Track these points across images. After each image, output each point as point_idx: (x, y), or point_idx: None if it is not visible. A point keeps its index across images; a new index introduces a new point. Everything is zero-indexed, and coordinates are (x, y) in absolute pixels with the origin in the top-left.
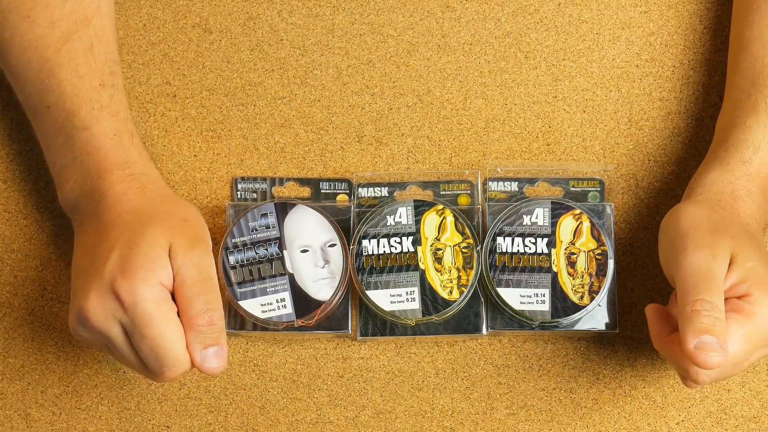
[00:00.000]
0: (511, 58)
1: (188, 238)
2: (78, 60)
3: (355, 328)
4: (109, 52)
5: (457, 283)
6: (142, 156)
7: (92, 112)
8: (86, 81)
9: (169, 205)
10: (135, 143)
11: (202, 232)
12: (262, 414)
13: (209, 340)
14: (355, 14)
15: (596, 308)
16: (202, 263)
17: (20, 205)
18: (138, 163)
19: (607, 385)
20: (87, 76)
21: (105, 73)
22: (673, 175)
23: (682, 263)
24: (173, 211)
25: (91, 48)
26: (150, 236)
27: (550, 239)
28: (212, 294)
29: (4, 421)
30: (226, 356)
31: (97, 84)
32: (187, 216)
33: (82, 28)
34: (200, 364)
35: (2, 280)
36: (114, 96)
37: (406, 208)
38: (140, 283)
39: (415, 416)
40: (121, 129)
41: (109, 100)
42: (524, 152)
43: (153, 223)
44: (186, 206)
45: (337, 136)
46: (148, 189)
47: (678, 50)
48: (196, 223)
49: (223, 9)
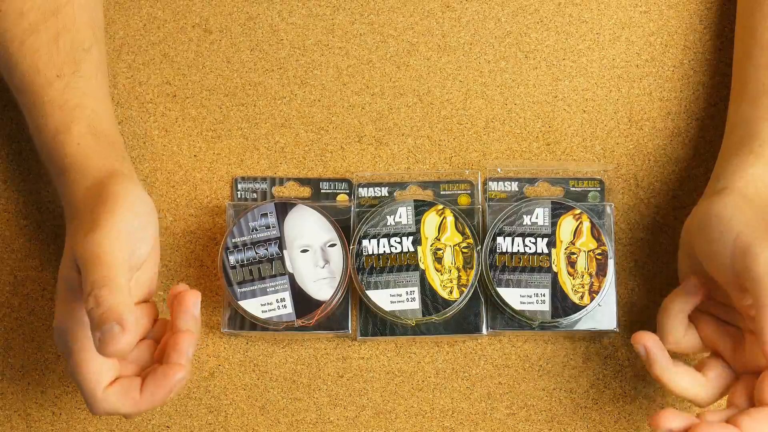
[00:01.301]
0: (511, 58)
1: (89, 222)
2: (40, 53)
3: (355, 328)
4: (77, 41)
5: (457, 283)
6: (81, 146)
7: (42, 108)
8: (42, 75)
9: (88, 198)
10: (75, 133)
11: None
12: (262, 414)
13: (97, 320)
14: (355, 14)
15: (596, 308)
16: (91, 243)
17: (20, 205)
18: (72, 156)
19: (607, 385)
20: (45, 69)
21: (66, 63)
22: (673, 175)
23: (753, 261)
24: (89, 203)
25: (56, 39)
26: (67, 247)
27: (550, 239)
28: (99, 273)
29: (4, 421)
30: (131, 331)
31: (53, 76)
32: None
33: (50, 18)
34: (98, 347)
35: (2, 280)
36: (70, 84)
37: (406, 208)
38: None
39: (415, 416)
40: (63, 121)
41: (61, 90)
42: (524, 152)
43: (69, 229)
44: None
45: (337, 136)
46: (79, 185)
47: (678, 50)
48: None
49: (223, 9)
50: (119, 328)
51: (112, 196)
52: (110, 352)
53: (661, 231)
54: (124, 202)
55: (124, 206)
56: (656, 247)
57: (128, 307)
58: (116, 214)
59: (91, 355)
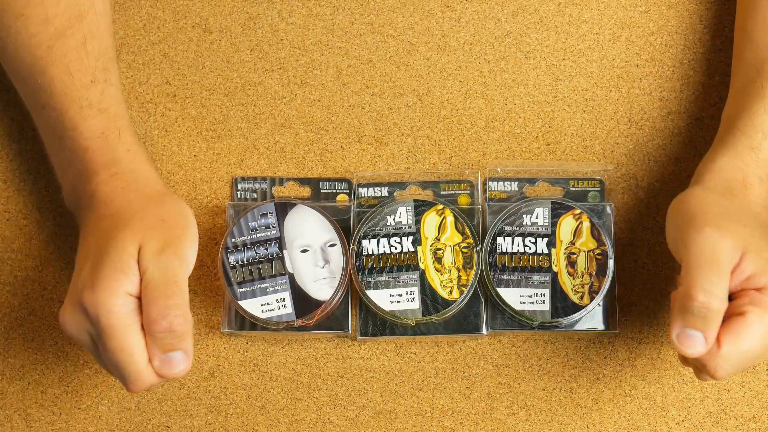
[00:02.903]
0: (511, 58)
1: (161, 240)
2: (70, 57)
3: (355, 328)
4: (103, 48)
5: (457, 283)
6: (130, 152)
7: (80, 110)
8: (76, 78)
9: (149, 205)
10: (123, 140)
11: (179, 233)
12: (262, 414)
13: (168, 346)
14: (355, 14)
15: (596, 308)
16: (168, 266)
17: (20, 205)
18: (124, 161)
19: (607, 385)
20: (78, 73)
21: (97, 69)
22: (673, 175)
23: (689, 243)
24: (152, 212)
25: (84, 44)
26: (119, 242)
27: (550, 239)
28: (174, 299)
29: (4, 421)
30: (189, 360)
31: (88, 81)
32: (167, 215)
33: (76, 24)
34: (158, 368)
35: (2, 280)
36: (105, 91)
37: (406, 208)
38: (104, 295)
39: (415, 416)
40: (109, 126)
41: (99, 96)
42: (524, 152)
43: (126, 226)
44: (171, 204)
45: (337, 136)
46: (131, 188)
47: (678, 50)
48: (174, 223)
49: (223, 9)
50: (184, 356)
51: (183, 220)
52: (169, 377)
53: (661, 231)
54: (193, 229)
55: (193, 234)
56: (656, 247)
57: (191, 336)
58: (188, 239)
59: (138, 336)
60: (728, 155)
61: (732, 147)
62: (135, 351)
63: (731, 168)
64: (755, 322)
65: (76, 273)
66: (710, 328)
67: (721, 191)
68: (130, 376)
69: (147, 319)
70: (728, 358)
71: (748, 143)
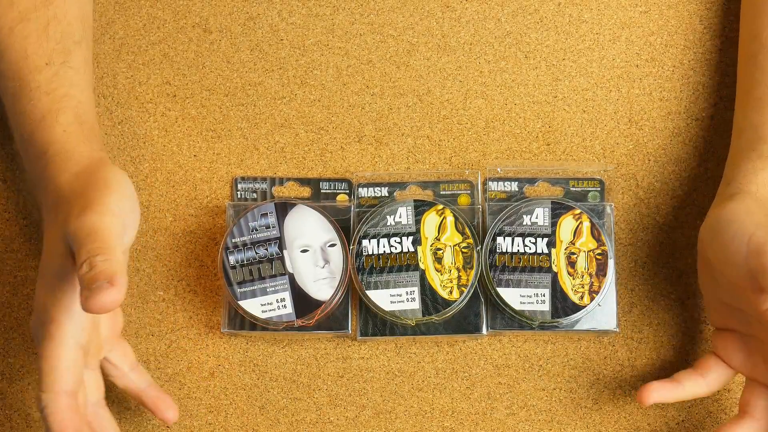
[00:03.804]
0: (511, 58)
1: (80, 206)
2: (29, 40)
3: (355, 328)
4: (68, 33)
5: (457, 283)
6: (65, 133)
7: (29, 93)
8: (31, 61)
9: (75, 183)
10: (61, 120)
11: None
12: (262, 414)
13: (90, 280)
14: (355, 14)
15: (596, 308)
16: (85, 221)
17: (20, 205)
18: (57, 143)
19: (607, 385)
20: (34, 56)
21: (55, 52)
22: (673, 175)
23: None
24: (77, 188)
25: (46, 28)
26: (50, 235)
27: (550, 239)
28: (95, 244)
29: (4, 421)
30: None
31: (42, 63)
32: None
33: (41, 7)
34: (84, 303)
35: (2, 280)
36: (59, 73)
37: (406, 208)
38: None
39: (415, 416)
40: (50, 108)
41: (50, 78)
42: (524, 152)
43: (57, 215)
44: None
45: (337, 136)
46: (61, 170)
47: (678, 50)
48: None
49: (223, 9)
50: (108, 284)
51: (103, 180)
52: (96, 306)
53: (661, 231)
54: (117, 186)
55: (117, 190)
56: (656, 247)
57: (121, 269)
58: (110, 195)
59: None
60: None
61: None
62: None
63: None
64: None
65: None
66: None
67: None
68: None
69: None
70: None
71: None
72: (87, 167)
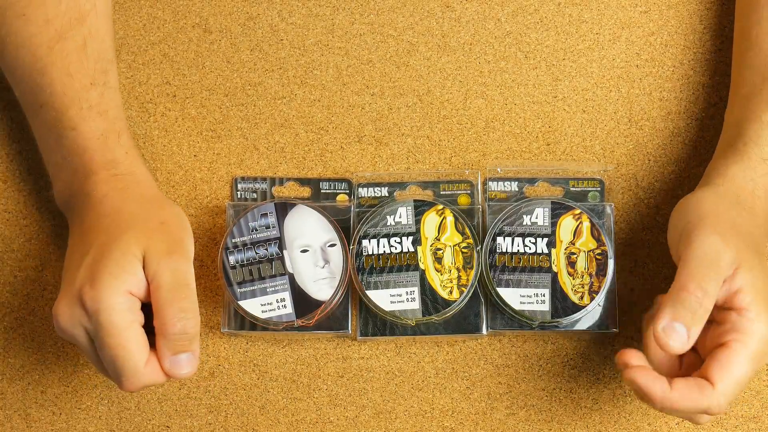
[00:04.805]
0: (511, 58)
1: (165, 242)
2: (70, 58)
3: (355, 328)
4: (103, 51)
5: (457, 283)
6: (129, 155)
7: (80, 111)
8: (76, 80)
9: (149, 207)
10: (122, 142)
11: (181, 235)
12: (262, 414)
13: (179, 347)
14: (355, 14)
15: (596, 308)
16: (178, 269)
17: (20, 205)
18: (123, 164)
19: (607, 385)
20: (77, 74)
21: (97, 72)
22: (673, 175)
23: (694, 241)
24: (153, 214)
25: (84, 46)
26: (123, 243)
27: (550, 239)
28: (187, 302)
29: (4, 421)
30: (196, 362)
31: (88, 83)
32: (167, 219)
33: (76, 26)
34: (168, 369)
35: (2, 280)
36: (104, 94)
37: (406, 208)
38: (105, 291)
39: (415, 416)
40: (108, 128)
41: (99, 98)
42: (524, 152)
43: (129, 227)
44: (168, 208)
45: (337, 136)
46: (130, 190)
47: (678, 50)
48: (175, 227)
49: (223, 9)
50: (192, 358)
51: (178, 220)
52: (177, 377)
53: (661, 231)
54: (189, 228)
55: (190, 233)
56: (656, 247)
57: (199, 338)
58: (189, 239)
59: (138, 333)
60: (741, 164)
61: (745, 155)
62: (133, 348)
63: (743, 177)
64: (740, 350)
65: (72, 268)
66: (696, 325)
67: (731, 200)
68: (127, 373)
69: (161, 321)
70: (725, 393)
71: (760, 154)
72: (155, 198)
